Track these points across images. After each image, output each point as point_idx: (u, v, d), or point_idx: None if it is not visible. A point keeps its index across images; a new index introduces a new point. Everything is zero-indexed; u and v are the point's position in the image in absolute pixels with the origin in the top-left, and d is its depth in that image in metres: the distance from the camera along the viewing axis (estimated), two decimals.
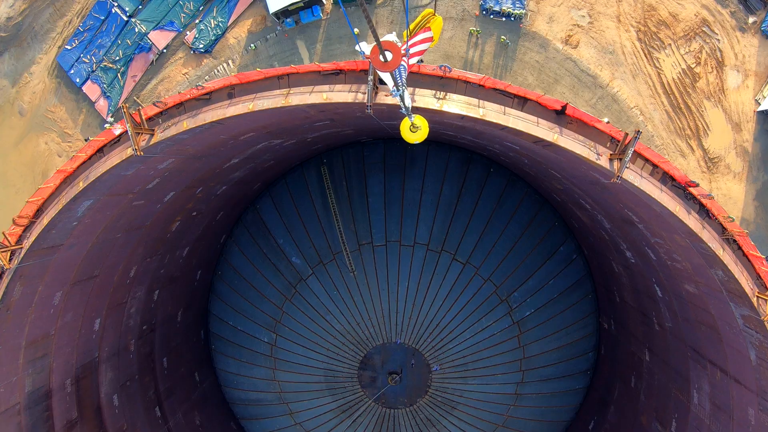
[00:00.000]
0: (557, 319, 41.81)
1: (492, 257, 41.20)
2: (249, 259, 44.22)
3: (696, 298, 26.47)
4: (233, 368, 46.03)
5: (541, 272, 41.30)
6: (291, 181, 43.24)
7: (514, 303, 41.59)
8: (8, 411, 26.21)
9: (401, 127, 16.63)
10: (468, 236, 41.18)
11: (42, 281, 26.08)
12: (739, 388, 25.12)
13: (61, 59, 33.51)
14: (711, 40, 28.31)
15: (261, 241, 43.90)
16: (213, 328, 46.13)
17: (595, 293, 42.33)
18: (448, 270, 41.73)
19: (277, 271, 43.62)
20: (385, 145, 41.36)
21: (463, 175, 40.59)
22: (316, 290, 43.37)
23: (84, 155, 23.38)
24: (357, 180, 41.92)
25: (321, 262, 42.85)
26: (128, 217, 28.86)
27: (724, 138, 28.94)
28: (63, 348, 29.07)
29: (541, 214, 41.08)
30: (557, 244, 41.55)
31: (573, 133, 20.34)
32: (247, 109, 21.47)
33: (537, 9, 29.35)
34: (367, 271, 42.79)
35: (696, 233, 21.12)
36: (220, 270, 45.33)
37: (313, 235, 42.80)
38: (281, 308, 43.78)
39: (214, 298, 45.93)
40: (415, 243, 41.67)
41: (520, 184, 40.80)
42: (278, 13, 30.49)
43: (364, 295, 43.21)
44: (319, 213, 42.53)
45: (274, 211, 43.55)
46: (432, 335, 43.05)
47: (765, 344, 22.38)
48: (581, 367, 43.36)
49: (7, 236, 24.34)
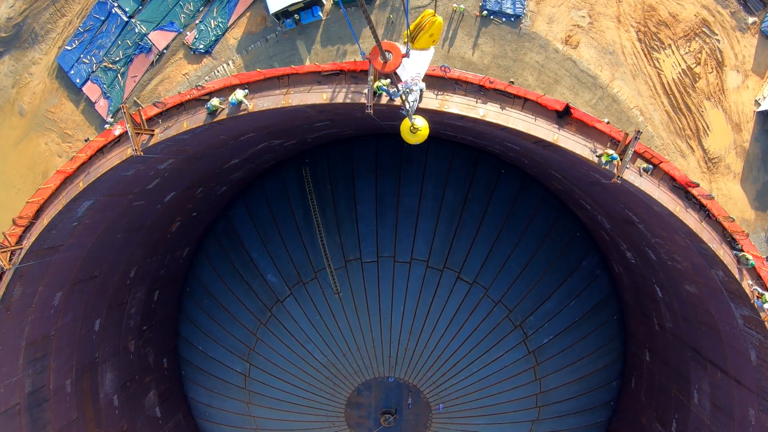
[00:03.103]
0: (579, 346, 36.04)
1: (504, 275, 34.94)
2: (219, 275, 38.15)
3: (696, 299, 26.45)
4: (204, 398, 40.65)
5: (561, 292, 35.13)
6: (268, 183, 37.19)
7: (529, 329, 35.53)
8: (8, 411, 26.20)
9: (401, 127, 16.62)
10: (475, 251, 34.85)
11: (42, 282, 26.07)
12: (740, 389, 25.10)
13: (61, 60, 33.53)
14: (711, 40, 28.33)
15: (233, 254, 37.72)
16: (182, 351, 40.51)
17: (621, 314, 36.95)
18: (452, 291, 35.30)
19: (250, 290, 37.33)
20: (377, 143, 35.45)
21: (469, 177, 34.58)
22: (295, 314, 36.90)
23: (84, 156, 23.37)
24: (344, 183, 35.69)
25: (300, 281, 36.41)
26: (128, 218, 28.84)
27: (724, 138, 28.94)
28: (63, 348, 29.05)
29: (560, 222, 35.35)
30: (579, 257, 35.66)
31: (573, 134, 20.33)
32: (247, 110, 21.46)
33: (537, 9, 29.37)
34: (355, 292, 36.09)
35: (696, 233, 21.11)
36: (188, 286, 39.59)
37: (291, 248, 36.41)
38: (255, 334, 37.57)
39: (183, 319, 39.93)
40: (412, 259, 35.41)
41: (536, 187, 35.04)
42: (278, 13, 30.49)
43: (351, 321, 36.51)
44: (299, 222, 36.23)
45: (247, 219, 37.52)
46: (433, 369, 36.56)
47: (765, 344, 22.37)
48: (603, 398, 37.84)
49: (7, 237, 24.34)
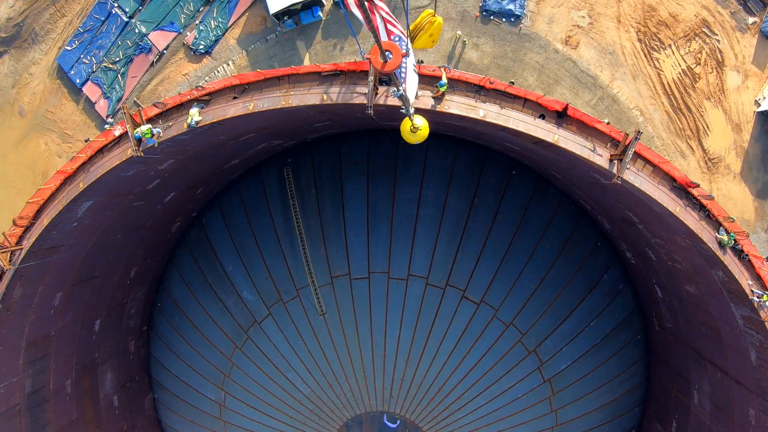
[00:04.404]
0: (600, 371, 31.89)
1: (516, 294, 30.56)
2: (191, 290, 33.91)
3: (696, 299, 26.44)
4: (178, 425, 36.82)
5: (581, 310, 31.02)
6: (245, 186, 32.99)
7: (545, 354, 31.16)
8: (8, 412, 26.20)
9: (401, 127, 16.63)
10: (483, 265, 30.39)
11: (42, 282, 26.07)
12: (740, 389, 25.10)
13: (61, 60, 33.54)
14: (711, 40, 28.33)
15: (205, 267, 33.41)
16: (154, 373, 36.54)
17: (645, 331, 33.31)
18: (456, 312, 30.81)
19: (224, 308, 32.98)
20: (369, 140, 31.14)
21: (475, 179, 30.42)
22: (275, 338, 32.32)
23: (84, 156, 23.38)
24: (331, 187, 31.37)
25: (280, 299, 31.96)
26: (128, 218, 28.84)
27: (724, 138, 28.94)
28: (63, 349, 29.05)
29: (580, 229, 31.11)
30: (601, 270, 31.54)
31: (573, 134, 20.33)
32: (247, 110, 21.47)
33: (537, 10, 29.37)
34: (342, 313, 31.46)
35: (696, 234, 21.11)
36: (159, 300, 35.59)
37: (270, 262, 31.89)
38: (230, 359, 33.30)
39: (154, 336, 36.19)
40: (409, 275, 30.86)
41: (552, 190, 31.07)
42: (278, 14, 30.47)
43: (338, 347, 31.74)
44: (279, 232, 31.78)
45: (222, 226, 33.29)
46: (434, 403, 32.01)
47: (765, 345, 22.36)
48: (624, 426, 34.20)
49: (8, 237, 24.34)
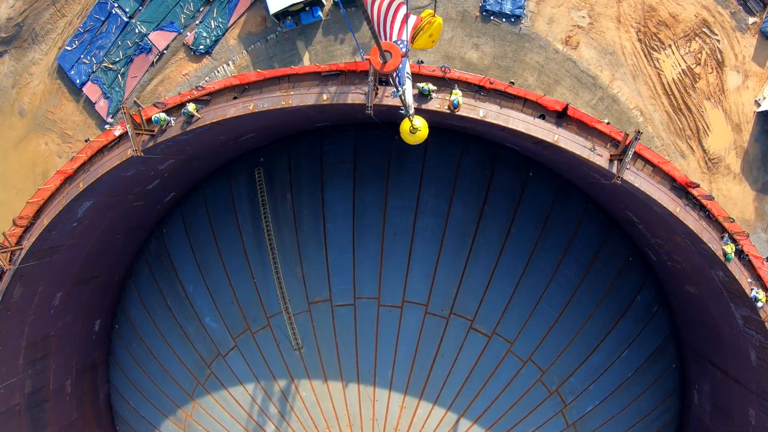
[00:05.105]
0: (631, 410, 27.17)
1: (534, 323, 25.71)
2: (149, 312, 29.26)
3: (696, 299, 26.44)
4: None
5: (611, 340, 26.41)
6: (212, 188, 28.52)
7: (569, 394, 26.32)
8: (8, 412, 26.20)
9: (401, 127, 16.62)
10: (495, 289, 25.45)
11: (42, 282, 26.08)
12: (740, 389, 25.08)
13: (61, 60, 33.57)
14: (711, 40, 28.34)
15: (165, 286, 28.72)
16: (115, 404, 31.90)
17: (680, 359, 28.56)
18: (462, 347, 25.52)
19: (184, 337, 27.96)
20: (357, 134, 26.36)
21: (485, 183, 25.72)
22: (241, 373, 26.94)
23: (84, 156, 23.40)
24: (309, 192, 26.34)
25: (248, 329, 26.77)
26: (128, 218, 28.85)
27: (724, 139, 28.94)
28: (63, 349, 29.04)
29: (609, 243, 26.73)
30: (634, 290, 27.07)
31: (573, 134, 20.33)
32: (247, 110, 21.48)
33: (537, 10, 29.37)
34: (322, 348, 25.94)
35: (696, 234, 21.11)
36: (117, 322, 31.17)
37: (237, 283, 26.92)
38: (191, 396, 28.12)
39: (113, 363, 31.37)
40: (404, 302, 25.59)
41: (576, 195, 26.52)
42: (278, 14, 30.47)
43: (317, 388, 25.82)
44: (247, 247, 26.85)
45: (184, 238, 28.44)
46: None
47: (765, 345, 22.36)
48: None
49: (8, 237, 24.36)
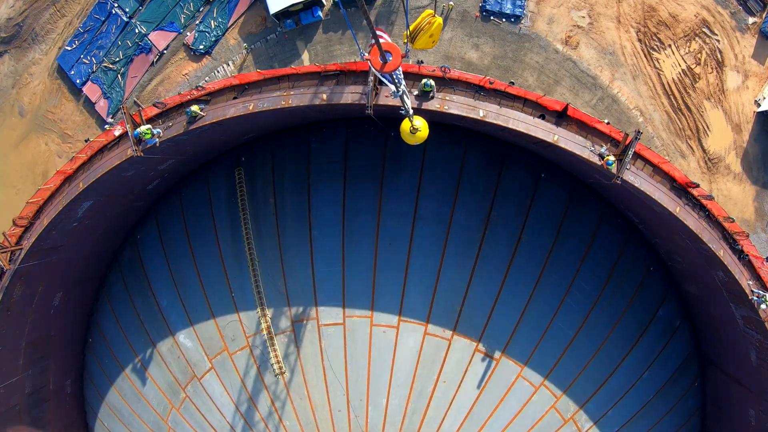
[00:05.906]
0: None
1: (547, 344, 23.48)
2: (121, 326, 27.22)
3: (696, 299, 26.45)
4: None
5: (631, 360, 24.08)
6: (188, 190, 26.85)
7: (585, 422, 23.97)
8: (8, 412, 26.20)
9: (401, 128, 16.63)
10: (503, 305, 23.30)
11: (42, 282, 26.07)
12: (740, 389, 25.08)
13: (61, 60, 33.55)
14: (711, 40, 28.33)
15: (138, 299, 26.70)
16: (91, 422, 30.11)
17: (702, 377, 26.68)
18: (466, 372, 23.26)
19: (158, 355, 25.94)
20: (348, 131, 24.52)
21: (492, 186, 23.61)
22: (218, 399, 24.69)
23: (84, 156, 23.41)
24: (294, 195, 24.20)
25: (226, 349, 24.45)
26: (129, 218, 28.85)
27: (724, 139, 28.93)
28: (63, 349, 29.04)
29: (628, 252, 24.62)
30: (655, 304, 25.03)
31: (573, 134, 20.33)
32: (247, 110, 21.47)
33: (537, 10, 29.37)
34: (308, 373, 23.55)
35: (696, 234, 21.10)
36: (90, 336, 29.44)
37: (214, 299, 24.72)
38: (165, 421, 25.98)
39: (87, 379, 29.92)
40: (401, 321, 23.38)
41: (592, 199, 24.40)
42: (278, 14, 30.47)
43: (302, 417, 23.52)
44: (225, 257, 24.84)
45: (158, 247, 26.69)
46: None
47: (765, 345, 22.35)
48: None
49: (8, 237, 24.36)
